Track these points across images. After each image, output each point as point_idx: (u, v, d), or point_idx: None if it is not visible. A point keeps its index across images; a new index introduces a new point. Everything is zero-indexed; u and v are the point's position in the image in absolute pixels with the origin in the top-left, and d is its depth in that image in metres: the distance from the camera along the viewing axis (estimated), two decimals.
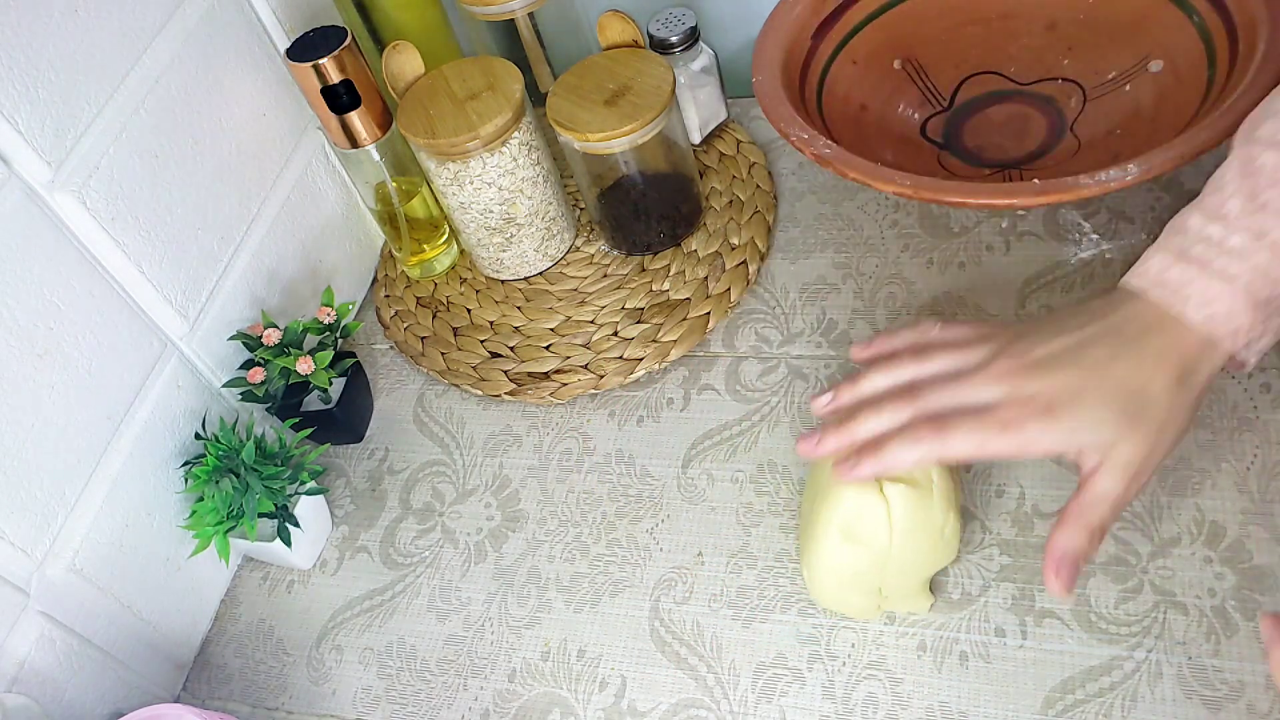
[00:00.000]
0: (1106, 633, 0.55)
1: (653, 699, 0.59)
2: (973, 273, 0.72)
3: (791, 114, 0.69)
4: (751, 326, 0.74)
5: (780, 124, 0.69)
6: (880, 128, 0.76)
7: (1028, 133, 0.74)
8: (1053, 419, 0.47)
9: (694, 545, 0.64)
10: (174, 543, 0.66)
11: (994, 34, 0.78)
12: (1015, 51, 0.78)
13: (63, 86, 0.58)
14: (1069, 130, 0.73)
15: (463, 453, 0.73)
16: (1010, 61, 0.78)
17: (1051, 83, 0.76)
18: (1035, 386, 0.48)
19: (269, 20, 0.73)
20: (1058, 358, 0.48)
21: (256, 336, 0.70)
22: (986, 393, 0.49)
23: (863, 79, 0.77)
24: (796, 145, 0.67)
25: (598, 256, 0.80)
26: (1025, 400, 0.48)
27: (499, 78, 0.73)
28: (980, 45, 0.78)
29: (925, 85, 0.78)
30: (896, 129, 0.77)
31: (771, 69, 0.73)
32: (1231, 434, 0.60)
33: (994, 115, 0.76)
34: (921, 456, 0.49)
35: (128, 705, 0.62)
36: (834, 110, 0.75)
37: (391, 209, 0.78)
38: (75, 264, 0.59)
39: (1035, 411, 0.48)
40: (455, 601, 0.66)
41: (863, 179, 0.64)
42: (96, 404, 0.61)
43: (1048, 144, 0.73)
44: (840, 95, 0.76)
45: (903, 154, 0.74)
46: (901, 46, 0.79)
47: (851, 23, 0.78)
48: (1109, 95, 0.74)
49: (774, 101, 0.70)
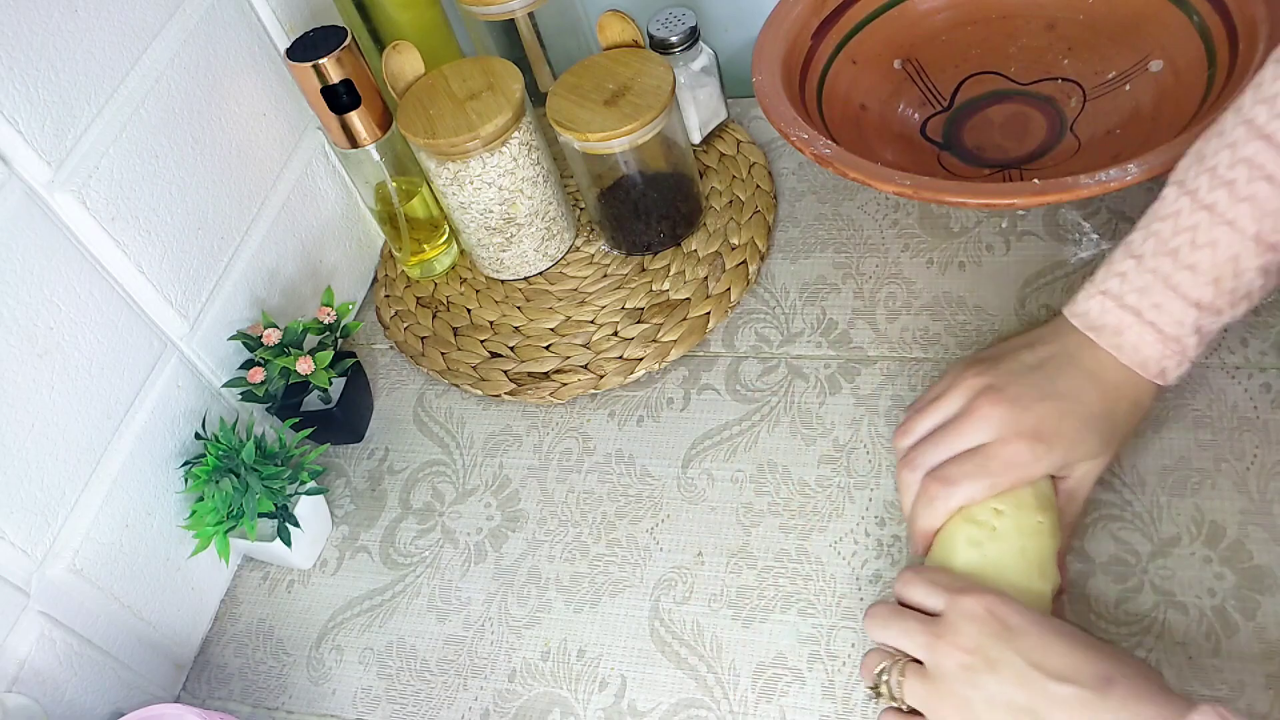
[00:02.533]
0: (1106, 633, 0.55)
1: (653, 699, 0.59)
2: (973, 273, 0.72)
3: (791, 114, 0.69)
4: (751, 326, 0.74)
5: (780, 124, 0.69)
6: (880, 128, 0.76)
7: (1028, 133, 0.74)
8: (1045, 446, 0.53)
9: (694, 545, 0.64)
10: (174, 543, 0.66)
11: (994, 34, 0.78)
12: (1015, 51, 0.78)
13: (63, 86, 0.58)
14: (1069, 130, 0.73)
15: (463, 453, 0.73)
16: (1010, 61, 0.78)
17: (1051, 82, 0.76)
18: (1023, 421, 0.53)
19: (269, 20, 0.73)
20: (1033, 391, 0.54)
21: (256, 336, 0.70)
22: (978, 435, 0.54)
23: (863, 79, 0.77)
24: (797, 145, 0.67)
25: (598, 256, 0.80)
26: (1016, 435, 0.53)
27: (499, 78, 0.73)
28: (980, 45, 0.78)
29: (925, 85, 0.78)
30: (896, 129, 0.77)
31: (771, 69, 0.73)
32: (1231, 434, 0.60)
33: (994, 115, 0.76)
34: (942, 513, 0.53)
35: (128, 705, 0.62)
36: (834, 110, 0.75)
37: (391, 209, 0.78)
38: (75, 264, 0.59)
39: (1028, 443, 0.53)
40: (455, 601, 0.66)
41: (863, 179, 0.64)
42: (96, 404, 0.61)
43: (1048, 144, 0.73)
44: (840, 95, 0.76)
45: (903, 154, 0.74)
46: (901, 46, 0.79)
47: (852, 22, 0.78)
48: (1109, 95, 0.74)
49: (774, 101, 0.70)
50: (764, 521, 0.64)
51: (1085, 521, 0.59)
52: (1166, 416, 0.62)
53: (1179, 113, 0.68)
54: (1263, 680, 0.52)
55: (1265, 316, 0.65)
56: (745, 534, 0.64)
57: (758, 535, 0.64)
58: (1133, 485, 0.60)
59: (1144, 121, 0.71)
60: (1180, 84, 0.70)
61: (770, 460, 0.67)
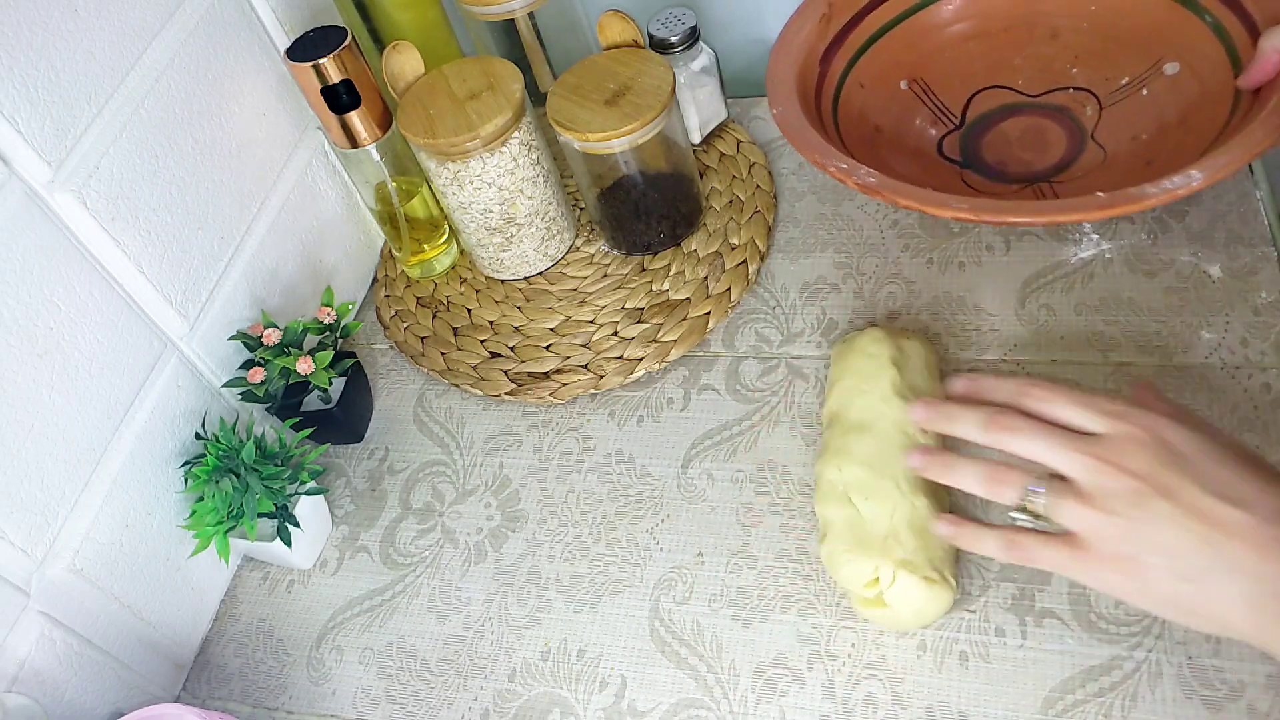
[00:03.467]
0: (1106, 633, 0.55)
1: (653, 699, 0.59)
2: (973, 273, 0.72)
3: (823, 143, 0.67)
4: (751, 326, 0.74)
5: (815, 155, 0.66)
6: (897, 148, 0.75)
7: (1047, 144, 0.73)
8: (1127, 581, 0.46)
9: (694, 545, 0.64)
10: (174, 543, 0.66)
11: (997, 47, 0.77)
12: (1021, 63, 0.77)
13: (63, 86, 0.58)
14: (1090, 139, 0.72)
15: (463, 453, 0.73)
16: (1017, 74, 0.77)
17: (1063, 92, 0.75)
18: (1154, 535, 0.45)
19: (269, 20, 0.73)
20: (1200, 530, 0.44)
21: (256, 336, 0.70)
22: (1111, 481, 0.46)
23: (873, 101, 0.76)
24: (837, 176, 0.65)
25: (598, 256, 0.80)
26: (1126, 533, 0.45)
27: (499, 78, 0.73)
28: (984, 60, 0.77)
29: (934, 104, 0.77)
30: (913, 148, 0.75)
31: (789, 99, 0.70)
32: (1231, 434, 0.60)
33: (1009, 129, 0.75)
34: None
35: (128, 705, 0.62)
36: (851, 133, 0.73)
37: (391, 209, 0.78)
38: (75, 264, 0.59)
39: (1120, 562, 0.46)
40: (455, 601, 0.66)
41: (917, 206, 0.62)
42: (96, 404, 0.61)
43: (1071, 154, 0.72)
44: (854, 117, 0.75)
45: (926, 174, 0.73)
46: (905, 67, 0.78)
47: (854, 46, 0.76)
48: (1126, 101, 0.72)
49: (800, 132, 0.68)
50: (764, 521, 0.64)
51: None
52: None
53: (1209, 113, 0.66)
54: (1263, 680, 0.52)
55: (1265, 317, 0.65)
56: (745, 534, 0.64)
57: (758, 535, 0.64)
58: None
59: (1171, 126, 0.69)
60: (1204, 86, 0.68)
61: (770, 460, 0.67)
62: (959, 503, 0.61)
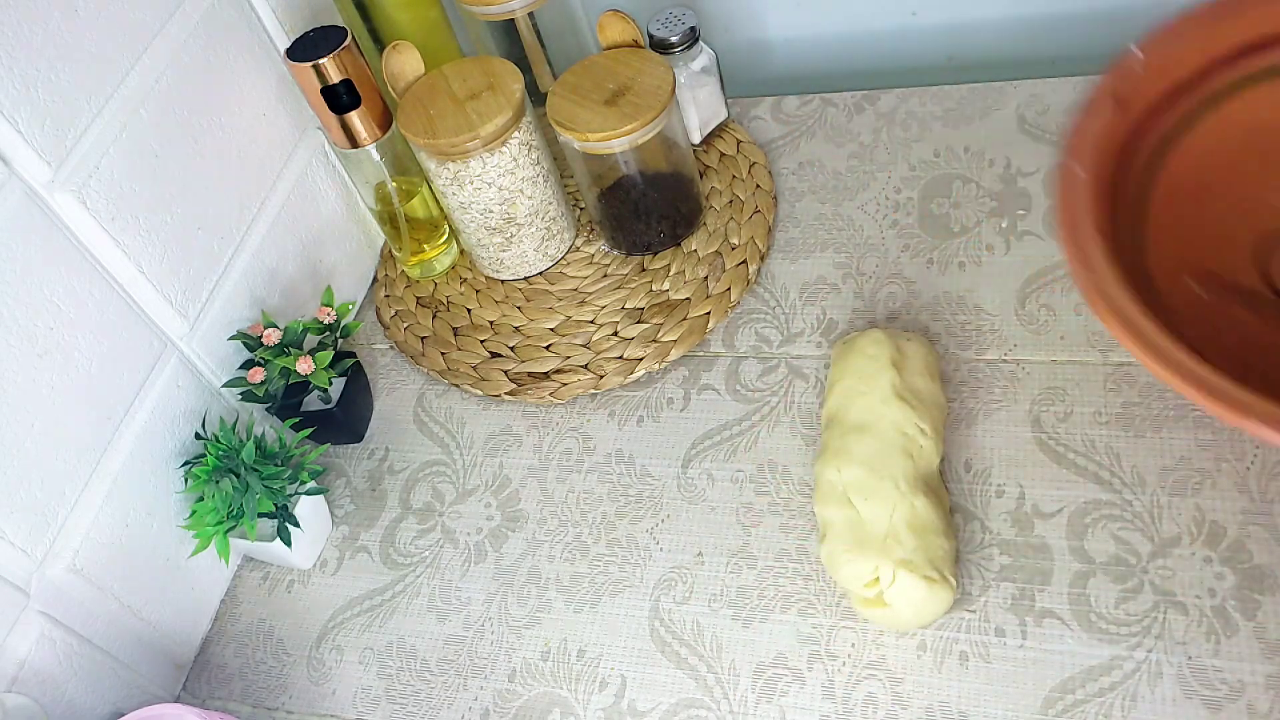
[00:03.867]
0: (1106, 633, 0.55)
1: (653, 699, 0.59)
2: (973, 273, 0.72)
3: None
4: (751, 326, 0.74)
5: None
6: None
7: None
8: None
9: (694, 545, 0.64)
10: (174, 543, 0.66)
11: (1254, 192, 0.57)
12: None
13: (62, 86, 0.58)
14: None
15: (463, 453, 0.73)
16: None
17: None
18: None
19: (269, 20, 0.73)
20: None
21: (256, 336, 0.70)
22: None
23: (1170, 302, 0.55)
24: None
25: (598, 256, 0.80)
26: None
27: (499, 78, 0.73)
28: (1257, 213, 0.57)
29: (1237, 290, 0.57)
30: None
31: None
32: (1232, 434, 0.60)
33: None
34: None
35: (128, 705, 0.62)
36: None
37: (391, 209, 0.78)
38: (75, 264, 0.59)
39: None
40: (455, 601, 0.66)
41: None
42: (96, 404, 0.61)
43: None
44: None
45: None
46: (1186, 263, 0.57)
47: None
48: None
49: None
50: (764, 521, 0.64)
51: (1085, 521, 0.59)
52: (1167, 417, 0.62)
53: None
54: (1263, 680, 0.52)
55: None
56: (745, 534, 0.64)
57: (758, 535, 0.64)
58: (1133, 485, 0.60)
59: None
60: None
61: (770, 460, 0.67)
62: (959, 503, 0.61)
